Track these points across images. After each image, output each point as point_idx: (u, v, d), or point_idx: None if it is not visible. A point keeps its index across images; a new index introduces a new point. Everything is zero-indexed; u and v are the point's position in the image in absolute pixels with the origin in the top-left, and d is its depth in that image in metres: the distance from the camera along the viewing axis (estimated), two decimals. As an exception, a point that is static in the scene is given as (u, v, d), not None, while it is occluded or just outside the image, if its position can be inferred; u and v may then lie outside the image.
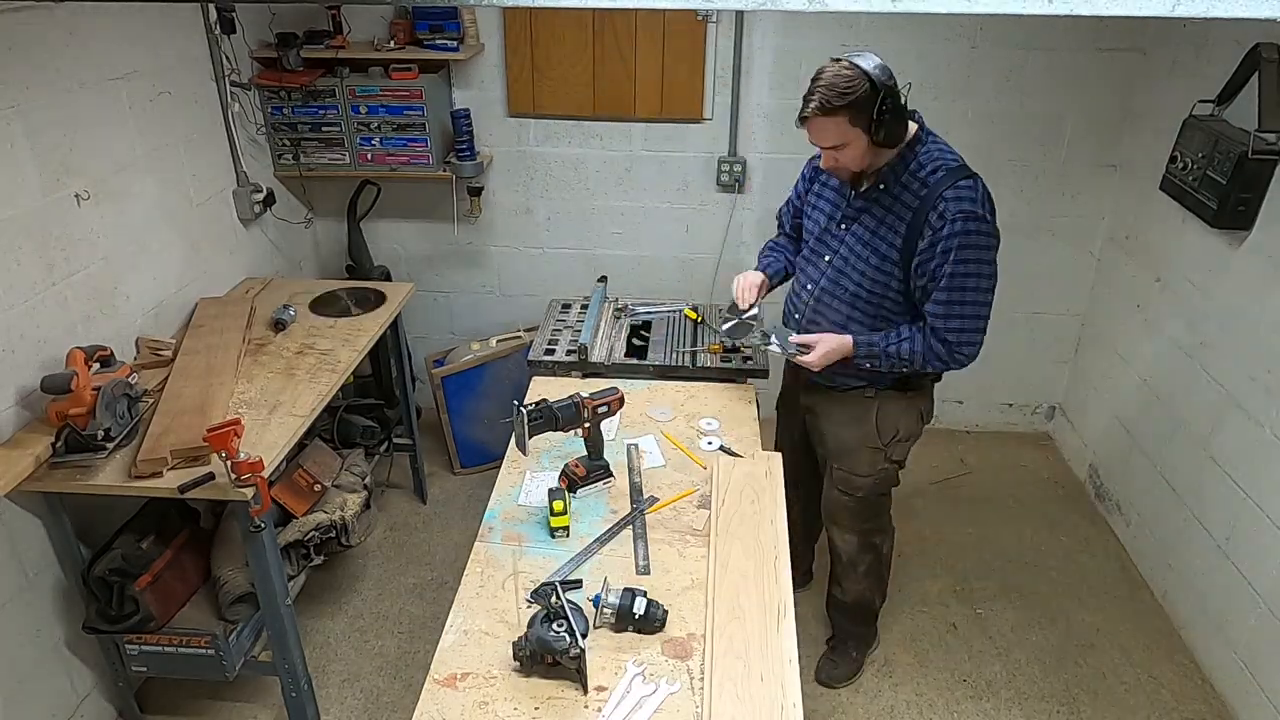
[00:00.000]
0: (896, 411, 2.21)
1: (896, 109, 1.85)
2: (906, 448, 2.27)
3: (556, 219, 3.49)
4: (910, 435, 2.25)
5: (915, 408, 2.24)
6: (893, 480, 2.32)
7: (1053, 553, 3.11)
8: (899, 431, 2.22)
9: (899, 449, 2.25)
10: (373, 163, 3.23)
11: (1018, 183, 3.30)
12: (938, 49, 3.09)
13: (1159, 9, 1.23)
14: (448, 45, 3.03)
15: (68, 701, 2.28)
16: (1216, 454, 2.61)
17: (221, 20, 2.76)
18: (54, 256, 2.17)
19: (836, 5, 1.35)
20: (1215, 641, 2.58)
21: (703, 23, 3.08)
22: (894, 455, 2.25)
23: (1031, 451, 3.71)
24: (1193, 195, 2.57)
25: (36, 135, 2.10)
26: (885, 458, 2.24)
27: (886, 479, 2.30)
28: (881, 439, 2.22)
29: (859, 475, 2.27)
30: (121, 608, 2.14)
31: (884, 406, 2.20)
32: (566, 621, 1.47)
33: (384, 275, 3.36)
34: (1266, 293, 2.40)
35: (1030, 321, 3.57)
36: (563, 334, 2.66)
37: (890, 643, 2.73)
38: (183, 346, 2.49)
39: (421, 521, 3.28)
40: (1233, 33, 2.52)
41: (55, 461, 1.99)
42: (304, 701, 2.35)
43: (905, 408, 2.22)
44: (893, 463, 2.26)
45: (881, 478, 2.28)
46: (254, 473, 1.91)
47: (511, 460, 2.08)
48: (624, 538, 1.84)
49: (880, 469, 2.26)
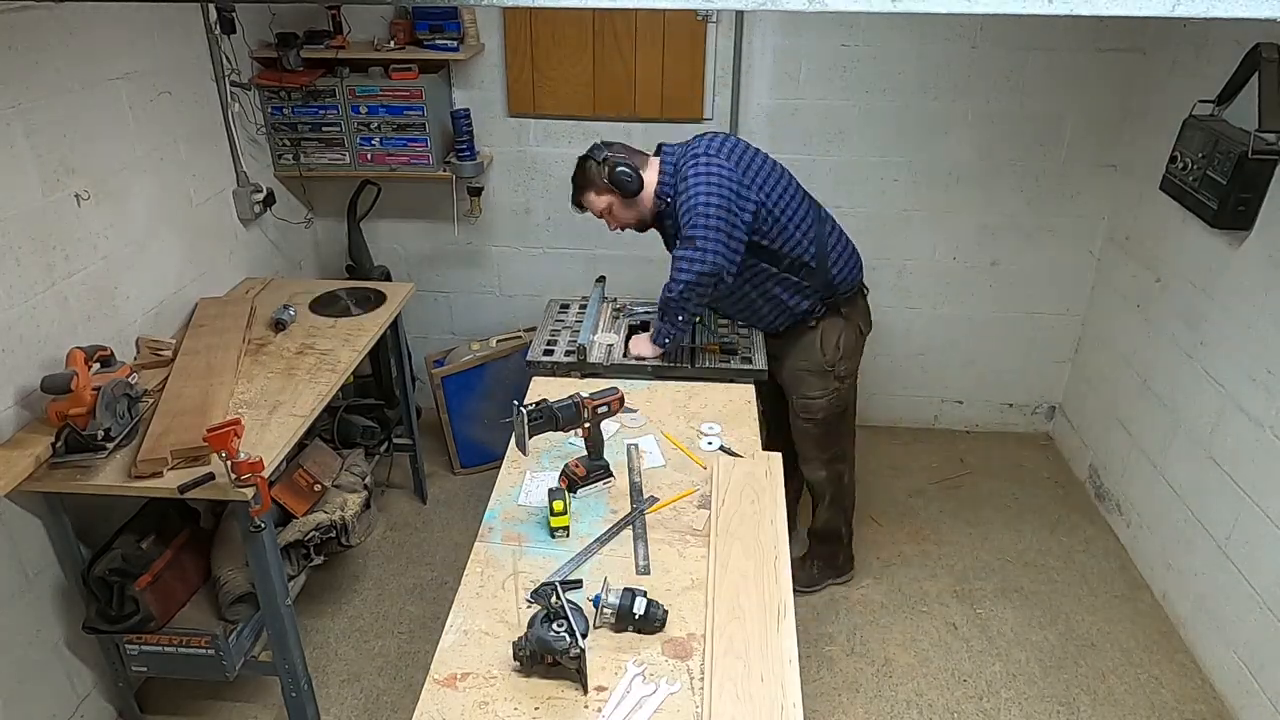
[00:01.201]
0: (834, 330, 2.53)
1: (621, 170, 2.33)
2: (850, 364, 2.59)
3: (556, 219, 3.49)
4: (850, 351, 2.57)
5: (852, 324, 2.56)
6: (845, 399, 2.65)
7: (1053, 553, 3.12)
8: (840, 349, 2.54)
9: (844, 365, 2.56)
10: (373, 163, 3.23)
11: (1018, 183, 3.30)
12: (938, 49, 3.10)
13: (1159, 9, 1.23)
14: (448, 45, 3.03)
15: (68, 701, 2.28)
16: (1216, 454, 2.61)
17: (221, 20, 2.76)
18: (54, 256, 2.17)
19: (836, 5, 1.35)
20: (1215, 641, 2.58)
21: (703, 23, 3.08)
22: (840, 372, 2.56)
23: (1031, 451, 3.71)
24: (1193, 195, 2.57)
25: (36, 135, 2.10)
26: (834, 376, 2.56)
27: (839, 397, 2.60)
28: (826, 359, 2.54)
29: (812, 398, 2.59)
30: (121, 608, 2.14)
31: (825, 329, 2.53)
32: (566, 621, 1.47)
33: (384, 275, 3.36)
34: (1266, 293, 2.40)
35: (1030, 321, 3.58)
36: (561, 334, 2.66)
37: (890, 643, 2.73)
38: (183, 346, 2.49)
39: (421, 521, 3.28)
40: (1233, 33, 2.52)
41: (55, 461, 1.99)
42: (304, 701, 2.35)
43: (843, 325, 2.54)
44: (840, 380, 2.57)
45: (834, 397, 2.59)
46: (254, 473, 1.91)
47: (511, 460, 2.08)
48: (624, 538, 1.84)
49: (832, 388, 2.57)
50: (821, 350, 2.53)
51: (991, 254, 3.45)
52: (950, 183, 3.31)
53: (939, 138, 3.23)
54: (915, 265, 3.48)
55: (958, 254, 3.46)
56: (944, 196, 3.33)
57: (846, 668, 2.64)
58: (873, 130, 3.23)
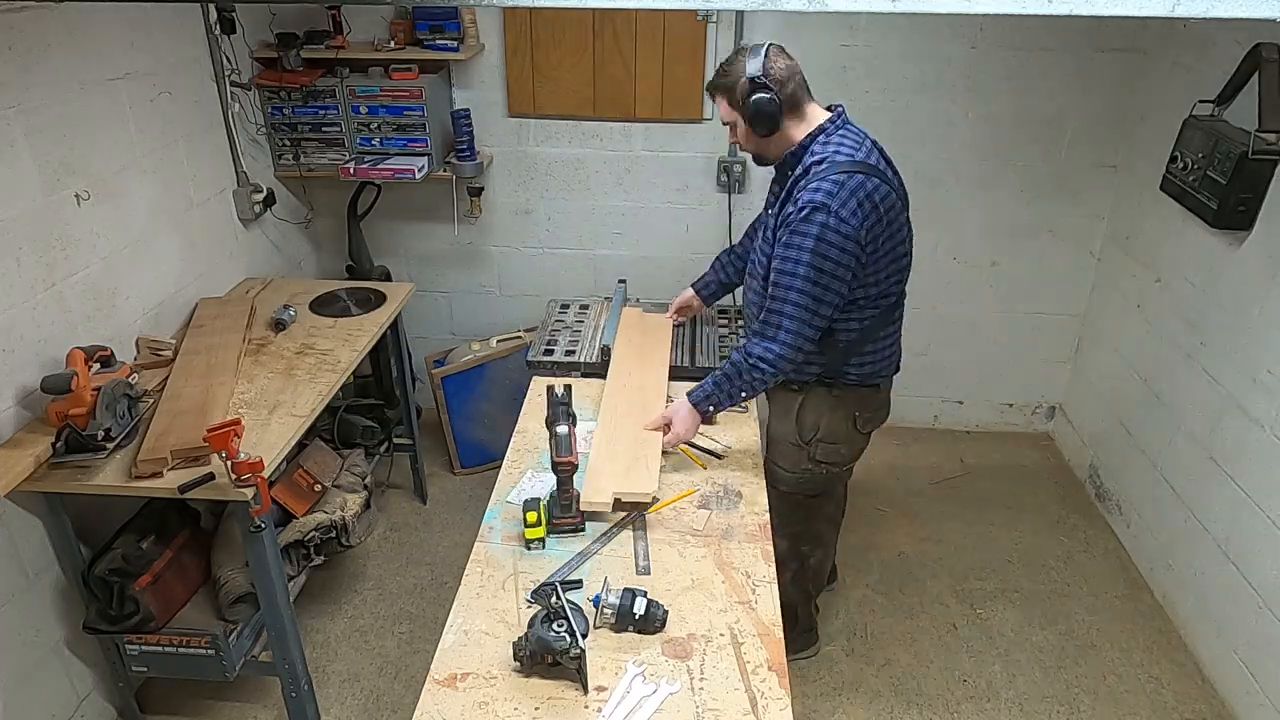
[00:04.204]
0: (819, 409, 2.16)
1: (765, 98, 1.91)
2: (833, 451, 2.21)
3: (556, 219, 3.49)
4: (836, 438, 2.19)
5: (844, 409, 2.17)
6: (818, 485, 2.28)
7: (1053, 553, 3.12)
8: (819, 430, 2.17)
9: (822, 450, 2.20)
10: (358, 176, 3.20)
11: (1018, 183, 3.30)
12: (938, 49, 3.09)
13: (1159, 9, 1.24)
14: (448, 45, 3.03)
15: (68, 701, 2.28)
16: (1216, 454, 2.61)
17: (221, 20, 2.76)
18: (54, 256, 2.17)
19: (836, 5, 1.35)
20: (1215, 641, 2.58)
21: (703, 23, 3.08)
22: (817, 455, 2.20)
23: (1031, 451, 3.71)
24: (1193, 195, 2.57)
25: (36, 135, 2.10)
26: (808, 456, 2.21)
27: (810, 480, 2.26)
28: (802, 436, 2.19)
29: (780, 468, 2.25)
30: (121, 608, 2.14)
31: (807, 402, 2.17)
32: (567, 621, 1.47)
33: (384, 275, 3.36)
34: (1266, 293, 2.40)
35: (1030, 321, 3.57)
36: (562, 334, 2.66)
37: (890, 643, 2.73)
38: (183, 346, 2.49)
39: (421, 521, 3.28)
40: (1233, 33, 2.52)
41: (55, 461, 1.99)
42: (304, 701, 2.35)
43: (832, 406, 2.16)
44: (817, 463, 2.22)
45: (804, 478, 2.25)
46: (254, 473, 1.91)
47: (511, 460, 2.08)
48: (624, 538, 1.84)
49: (803, 468, 2.23)
50: (797, 424, 2.19)
51: (992, 254, 3.45)
52: (950, 183, 3.31)
53: (939, 138, 3.23)
54: (915, 265, 3.44)
55: (958, 254, 3.46)
56: (944, 196, 3.33)
57: (846, 668, 2.64)
58: (872, 130, 3.19)
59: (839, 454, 2.23)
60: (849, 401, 2.16)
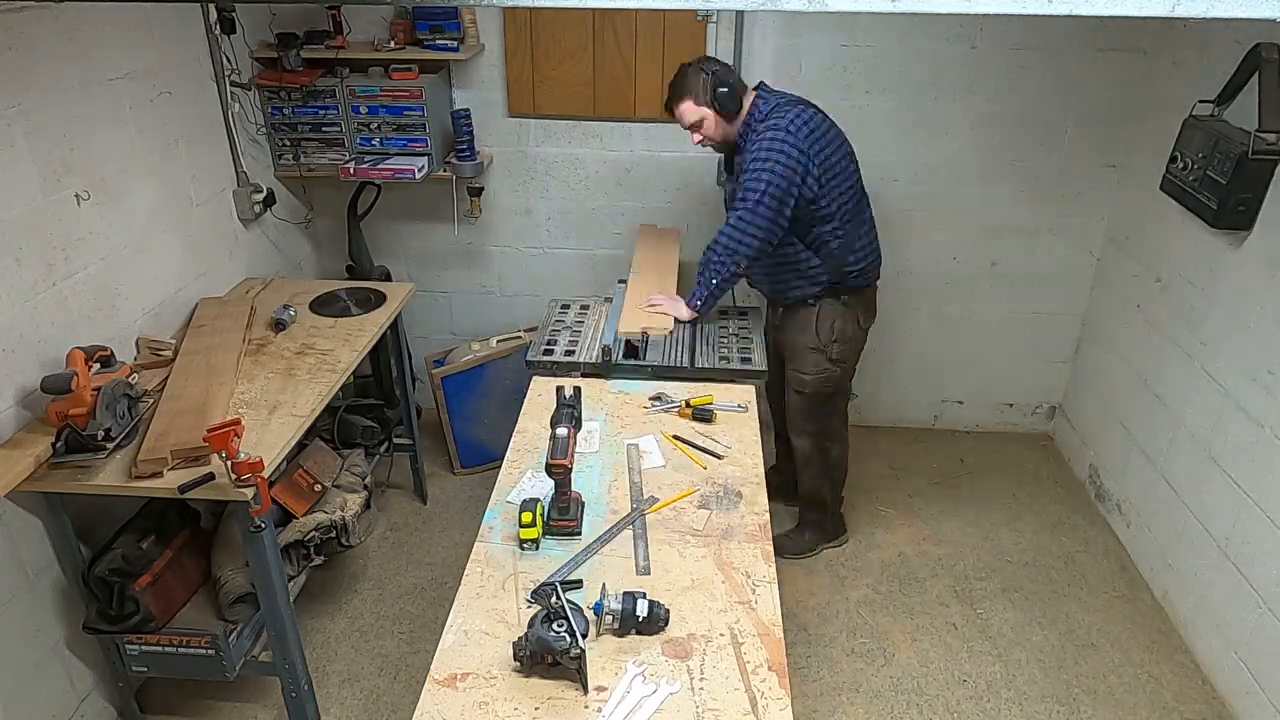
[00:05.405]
0: (832, 315, 2.66)
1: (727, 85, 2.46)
2: (845, 349, 2.71)
3: (556, 219, 3.49)
4: (846, 337, 2.69)
5: (851, 311, 2.68)
6: (834, 382, 2.76)
7: (1053, 553, 3.12)
8: (835, 333, 2.67)
9: (837, 349, 2.69)
10: (359, 175, 3.20)
11: (1018, 183, 3.30)
12: (938, 49, 3.09)
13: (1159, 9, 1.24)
14: (448, 45, 3.03)
15: (68, 701, 2.28)
16: (1216, 454, 2.61)
17: (221, 20, 2.76)
18: (54, 256, 2.17)
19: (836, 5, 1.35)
20: (1215, 641, 2.58)
21: (703, 23, 3.08)
22: (833, 355, 2.69)
23: (1031, 451, 3.71)
24: (1193, 195, 2.57)
25: (36, 135, 2.10)
26: (827, 358, 2.69)
27: (828, 378, 2.73)
28: (820, 340, 2.67)
29: (803, 374, 2.73)
30: (121, 608, 2.14)
31: (822, 312, 2.66)
32: (566, 621, 1.47)
33: (384, 275, 3.36)
34: (1266, 293, 2.40)
35: (1030, 321, 3.58)
36: (561, 334, 2.66)
37: (890, 643, 2.73)
38: (183, 347, 2.49)
39: (421, 521, 3.28)
40: (1233, 33, 2.52)
41: (55, 461, 1.99)
42: (304, 701, 2.35)
43: (841, 312, 2.66)
44: (833, 362, 2.70)
45: (824, 377, 2.72)
46: (254, 473, 1.91)
47: (511, 460, 2.08)
48: (624, 538, 1.84)
49: (823, 368, 2.71)
50: (816, 331, 2.67)
51: (991, 254, 3.45)
52: (950, 183, 3.31)
53: (939, 138, 3.23)
54: (916, 265, 3.48)
55: (958, 254, 3.46)
56: (944, 196, 3.33)
57: (846, 668, 2.64)
58: (872, 130, 3.23)
59: (847, 351, 2.73)
60: (854, 305, 2.69)
